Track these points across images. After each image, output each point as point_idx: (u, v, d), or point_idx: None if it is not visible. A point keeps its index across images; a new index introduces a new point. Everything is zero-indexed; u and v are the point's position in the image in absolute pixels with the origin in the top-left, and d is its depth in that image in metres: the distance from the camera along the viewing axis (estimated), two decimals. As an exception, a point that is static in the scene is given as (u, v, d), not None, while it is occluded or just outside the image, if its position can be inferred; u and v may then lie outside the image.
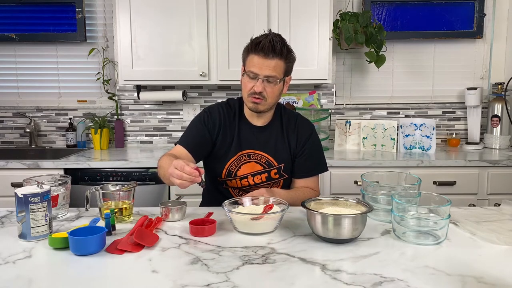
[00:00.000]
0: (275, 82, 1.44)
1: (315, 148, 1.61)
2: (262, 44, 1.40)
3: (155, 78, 2.53)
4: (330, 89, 2.89)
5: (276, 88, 1.46)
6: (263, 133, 1.57)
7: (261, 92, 1.43)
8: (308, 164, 1.60)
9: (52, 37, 2.84)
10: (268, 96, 1.45)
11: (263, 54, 1.40)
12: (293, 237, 1.16)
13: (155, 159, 2.39)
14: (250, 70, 1.44)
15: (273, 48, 1.40)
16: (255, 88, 1.43)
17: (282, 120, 1.60)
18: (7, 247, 1.08)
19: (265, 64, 1.41)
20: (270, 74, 1.42)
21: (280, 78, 1.45)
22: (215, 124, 1.55)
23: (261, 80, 1.42)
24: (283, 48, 1.42)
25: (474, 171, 2.33)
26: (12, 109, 2.93)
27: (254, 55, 1.42)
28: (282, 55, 1.42)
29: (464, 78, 2.90)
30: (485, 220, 1.29)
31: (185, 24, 2.47)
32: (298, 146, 1.58)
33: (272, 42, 1.40)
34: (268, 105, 1.49)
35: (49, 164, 2.31)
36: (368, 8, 2.75)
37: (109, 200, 1.30)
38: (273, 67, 1.42)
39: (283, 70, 1.45)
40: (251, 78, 1.44)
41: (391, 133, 2.67)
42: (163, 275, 0.92)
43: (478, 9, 2.78)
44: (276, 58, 1.41)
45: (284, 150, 1.58)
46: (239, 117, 1.58)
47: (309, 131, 1.61)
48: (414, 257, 1.01)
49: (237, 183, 1.57)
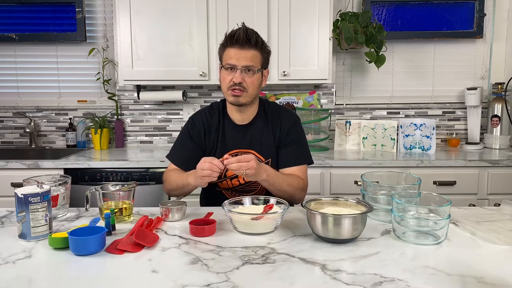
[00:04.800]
0: (253, 71, 1.46)
1: (299, 138, 1.60)
2: (236, 36, 1.43)
3: (155, 78, 2.53)
4: (330, 89, 2.89)
5: (255, 78, 1.47)
6: (248, 130, 1.58)
7: (241, 83, 1.45)
8: (292, 152, 1.57)
9: (52, 37, 2.84)
10: (248, 87, 1.46)
11: (239, 46, 1.43)
12: (293, 237, 1.16)
13: (155, 159, 2.39)
14: (228, 63, 1.46)
15: (248, 39, 1.43)
16: (234, 79, 1.44)
17: (266, 114, 1.60)
18: (7, 247, 1.08)
19: (242, 55, 1.44)
20: (248, 64, 1.44)
21: (258, 68, 1.47)
22: (200, 132, 1.58)
23: (239, 71, 1.44)
24: (258, 39, 1.45)
25: (474, 171, 2.33)
26: (12, 109, 2.93)
27: (231, 48, 1.45)
28: (258, 45, 1.45)
29: (464, 78, 2.90)
30: (485, 220, 1.29)
31: (185, 24, 2.47)
32: (282, 134, 1.57)
33: (246, 33, 1.43)
34: (249, 97, 1.49)
35: (49, 164, 2.31)
36: (368, 8, 2.75)
37: (109, 200, 1.31)
38: (250, 57, 1.45)
39: (260, 61, 1.48)
40: (229, 70, 1.46)
41: (391, 133, 2.67)
42: (163, 275, 0.92)
43: (478, 9, 2.78)
44: (252, 48, 1.44)
45: (270, 143, 1.57)
46: (223, 117, 1.59)
47: (292, 120, 1.60)
48: (414, 257, 1.01)
49: (228, 184, 1.58)
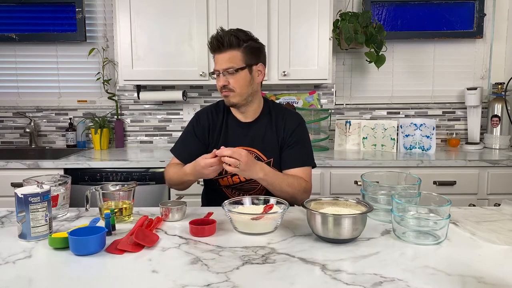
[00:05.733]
0: (233, 73, 1.48)
1: (303, 139, 1.60)
2: (211, 43, 1.49)
3: (155, 78, 2.53)
4: (330, 89, 2.89)
5: (238, 78, 1.49)
6: (251, 128, 1.59)
7: (226, 85, 1.49)
8: (296, 154, 1.56)
9: (52, 37, 2.84)
10: (234, 87, 1.50)
11: (217, 51, 1.49)
12: (293, 237, 1.16)
13: (155, 159, 2.39)
14: (214, 69, 1.52)
15: (221, 43, 1.46)
16: (218, 83, 1.51)
17: (271, 114, 1.62)
18: (7, 247, 1.08)
19: (219, 59, 1.49)
20: (226, 66, 1.48)
21: (239, 67, 1.48)
22: (204, 128, 1.61)
23: (221, 74, 1.49)
24: (231, 38, 1.47)
25: (474, 171, 2.33)
26: (12, 109, 2.93)
27: (214, 55, 1.51)
28: (232, 45, 1.47)
29: (464, 78, 2.90)
30: (485, 220, 1.29)
31: (185, 24, 2.47)
32: (286, 136, 1.58)
33: (219, 38, 1.47)
34: (239, 96, 1.51)
35: (49, 164, 2.31)
36: (368, 8, 2.75)
37: (109, 200, 1.30)
38: (227, 59, 1.48)
39: (241, 59, 1.49)
40: (216, 76, 1.52)
41: (391, 133, 2.67)
42: (163, 275, 0.92)
43: (478, 9, 2.78)
44: (228, 50, 1.47)
45: (273, 143, 1.57)
46: (227, 115, 1.62)
47: (297, 122, 1.61)
48: (414, 257, 1.01)
49: (228, 181, 1.58)
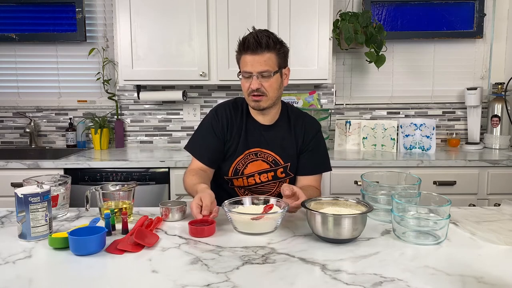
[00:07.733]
0: (269, 76, 1.46)
1: (320, 146, 1.62)
2: (247, 42, 1.44)
3: (155, 78, 2.53)
4: (330, 89, 2.89)
5: (273, 81, 1.47)
6: (270, 131, 1.58)
7: (259, 88, 1.45)
8: (312, 161, 1.59)
9: (52, 37, 2.84)
10: (267, 91, 1.47)
11: (251, 52, 1.43)
12: (293, 237, 1.16)
13: (155, 159, 2.39)
14: (244, 70, 1.47)
15: (259, 43, 1.42)
16: (251, 86, 1.45)
17: (289, 118, 1.61)
18: (7, 247, 1.08)
19: (255, 60, 1.44)
20: (262, 69, 1.44)
21: (274, 71, 1.46)
22: (223, 125, 1.57)
23: (255, 77, 1.45)
24: (269, 41, 1.44)
25: (474, 171, 2.33)
26: (12, 109, 2.93)
27: (245, 55, 1.46)
28: (270, 47, 1.44)
29: (464, 78, 2.90)
30: (485, 220, 1.29)
31: (185, 24, 2.47)
32: (305, 142, 1.59)
33: (257, 38, 1.42)
34: (271, 100, 1.49)
35: (49, 164, 2.31)
36: (368, 8, 2.75)
37: (109, 200, 1.31)
38: (264, 62, 1.44)
39: (276, 62, 1.47)
40: (246, 77, 1.47)
41: (391, 133, 2.67)
42: (163, 275, 0.92)
43: (478, 9, 2.78)
44: (265, 52, 1.43)
45: (291, 148, 1.58)
46: (246, 116, 1.59)
47: (316, 129, 1.62)
48: (414, 257, 1.01)
49: (243, 182, 1.58)
